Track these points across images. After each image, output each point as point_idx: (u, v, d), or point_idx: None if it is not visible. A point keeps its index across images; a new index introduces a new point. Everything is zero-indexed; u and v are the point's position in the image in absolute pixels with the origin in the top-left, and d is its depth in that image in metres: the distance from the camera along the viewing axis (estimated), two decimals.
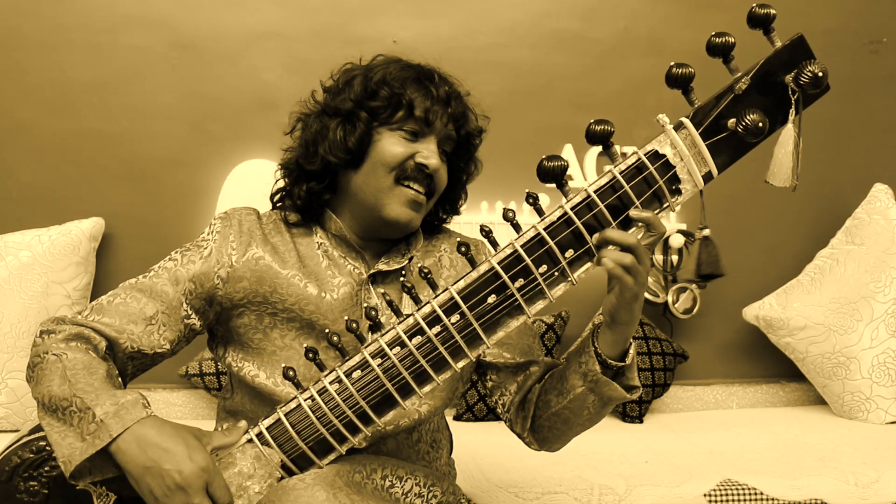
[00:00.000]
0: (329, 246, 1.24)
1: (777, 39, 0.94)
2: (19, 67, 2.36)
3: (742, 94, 0.94)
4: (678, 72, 0.93)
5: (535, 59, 2.54)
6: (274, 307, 1.18)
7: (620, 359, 1.10)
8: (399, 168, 1.19)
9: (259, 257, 1.20)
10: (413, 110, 1.19)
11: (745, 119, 0.93)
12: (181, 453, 0.95)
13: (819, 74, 0.92)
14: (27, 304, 2.11)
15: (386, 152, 1.19)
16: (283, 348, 1.18)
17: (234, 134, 2.42)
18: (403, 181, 1.19)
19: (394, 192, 1.19)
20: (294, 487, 0.97)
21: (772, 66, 0.94)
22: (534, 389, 1.25)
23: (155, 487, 0.95)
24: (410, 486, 1.15)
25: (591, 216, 0.96)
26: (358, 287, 1.21)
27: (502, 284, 0.98)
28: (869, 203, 2.46)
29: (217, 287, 1.18)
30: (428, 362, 1.00)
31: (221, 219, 1.23)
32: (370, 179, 1.20)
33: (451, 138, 1.25)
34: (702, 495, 1.67)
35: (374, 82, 1.20)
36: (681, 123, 0.96)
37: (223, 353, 1.24)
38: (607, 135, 0.95)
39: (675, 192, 0.97)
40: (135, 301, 1.15)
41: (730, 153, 0.96)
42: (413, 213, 1.20)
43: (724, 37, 0.92)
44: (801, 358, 2.40)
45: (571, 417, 1.17)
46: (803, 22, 2.51)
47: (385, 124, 1.20)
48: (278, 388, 1.17)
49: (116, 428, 0.96)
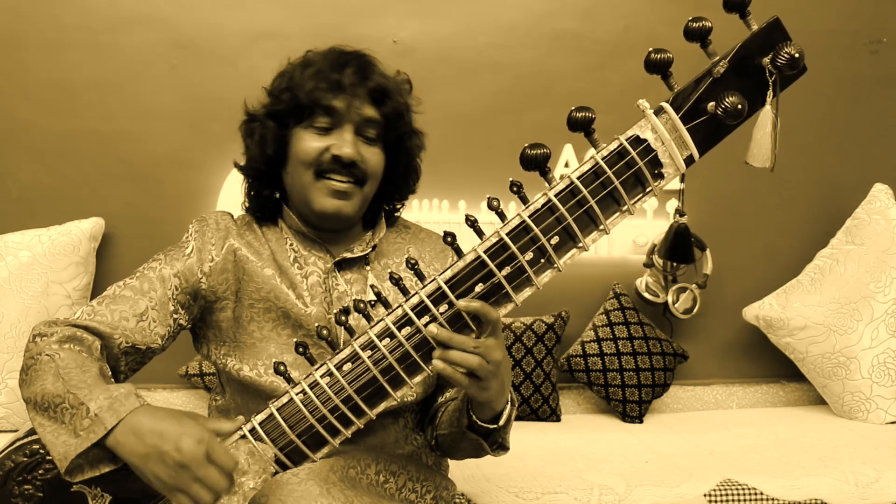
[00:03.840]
0: (293, 240, 1.29)
1: (753, 23, 0.94)
2: (19, 67, 2.36)
3: (720, 77, 0.94)
4: (657, 57, 0.94)
5: (535, 59, 2.54)
6: (251, 297, 1.23)
7: (495, 420, 1.14)
8: (316, 164, 1.22)
9: (236, 248, 1.26)
10: (316, 105, 1.21)
11: (724, 102, 0.93)
12: (175, 432, 0.96)
13: (795, 56, 0.92)
14: (27, 304, 2.11)
15: (300, 151, 1.23)
16: (262, 339, 1.22)
17: (235, 134, 2.39)
18: (323, 175, 1.22)
19: (316, 186, 1.23)
20: (288, 482, 0.97)
21: (749, 49, 0.95)
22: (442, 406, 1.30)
23: (159, 471, 0.95)
24: (404, 482, 1.16)
25: (574, 202, 0.97)
26: (325, 275, 1.26)
27: (489, 273, 0.99)
28: (869, 203, 2.46)
29: (201, 281, 1.23)
30: (417, 353, 1.01)
31: (198, 220, 1.29)
32: (295, 177, 1.25)
33: (373, 121, 1.24)
34: (702, 495, 1.67)
35: (278, 88, 1.26)
36: (661, 108, 0.97)
37: (207, 351, 1.28)
38: (588, 121, 0.96)
39: (657, 177, 0.98)
40: (125, 299, 1.19)
41: (710, 136, 0.97)
42: (340, 202, 1.23)
43: (701, 21, 0.93)
44: (801, 358, 2.40)
45: (454, 445, 1.25)
46: (803, 22, 2.52)
47: (298, 124, 1.24)
48: (262, 379, 1.20)
49: (111, 420, 0.97)
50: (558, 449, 1.98)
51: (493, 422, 1.13)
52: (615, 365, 2.33)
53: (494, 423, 1.13)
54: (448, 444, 1.26)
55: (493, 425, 1.13)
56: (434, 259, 1.33)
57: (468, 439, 1.17)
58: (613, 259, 2.52)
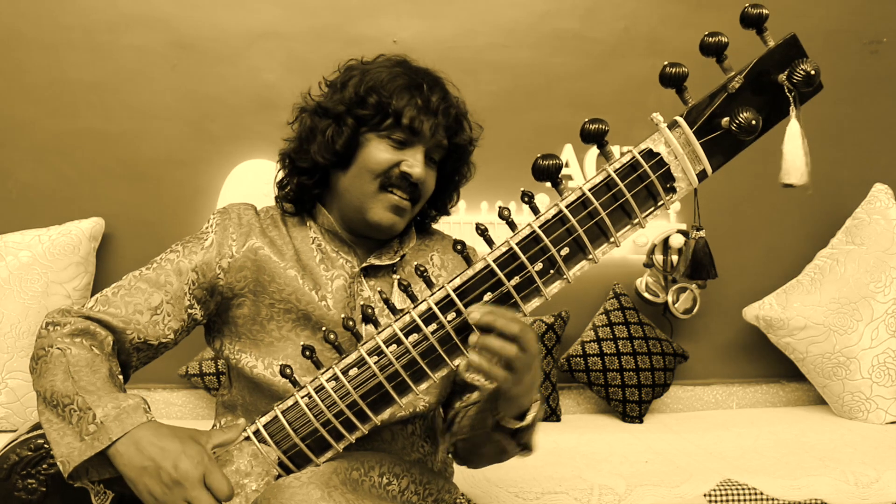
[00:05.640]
0: (322, 240, 1.27)
1: (770, 39, 0.94)
2: (19, 67, 2.36)
3: (735, 92, 0.94)
4: (672, 71, 0.94)
5: (535, 59, 2.54)
6: (272, 297, 1.21)
7: (522, 418, 1.09)
8: (384, 175, 1.20)
9: (258, 247, 1.23)
10: (401, 119, 1.19)
11: (738, 117, 0.93)
12: (175, 449, 0.95)
13: (812, 73, 0.92)
14: (27, 304, 2.11)
15: (372, 159, 1.20)
16: (280, 339, 1.21)
17: (234, 134, 2.42)
18: (388, 188, 1.21)
19: (378, 198, 1.21)
20: (289, 486, 0.97)
21: (765, 65, 0.94)
22: (461, 412, 1.27)
23: (152, 486, 0.95)
24: (407, 484, 1.16)
25: (585, 214, 0.97)
26: (351, 280, 1.24)
27: (498, 282, 0.98)
28: (869, 203, 2.46)
29: (219, 276, 1.21)
30: (424, 360, 1.01)
31: (220, 213, 1.26)
32: (356, 182, 1.22)
33: (442, 146, 1.25)
34: (702, 495, 1.67)
35: (364, 88, 1.22)
36: (675, 122, 0.96)
37: (220, 345, 1.26)
38: (602, 133, 0.96)
39: (669, 191, 0.97)
40: (140, 292, 1.17)
41: (724, 151, 0.97)
42: (396, 218, 1.22)
43: (718, 36, 0.93)
44: (801, 358, 2.40)
45: (476, 451, 1.21)
46: (803, 22, 2.52)
47: (373, 130, 1.21)
48: (276, 379, 1.18)
49: (116, 432, 0.97)
50: (558, 449, 1.98)
51: (519, 419, 1.10)
52: (615, 365, 2.33)
53: (520, 420, 1.10)
54: (469, 450, 1.23)
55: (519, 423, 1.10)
56: (457, 266, 1.32)
57: (492, 441, 1.13)
58: (613, 259, 2.52)
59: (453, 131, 1.25)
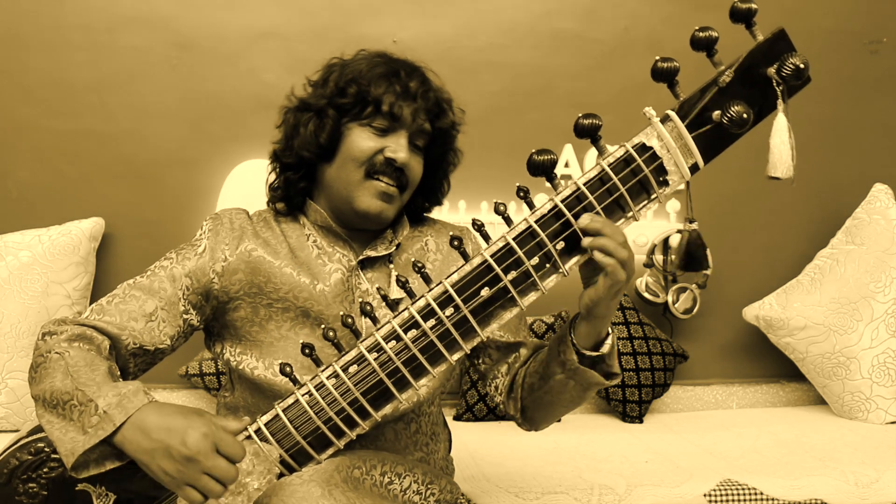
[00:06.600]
0: (317, 236, 1.28)
1: (759, 33, 0.95)
2: (19, 67, 2.36)
3: (726, 86, 0.95)
4: (663, 66, 0.95)
5: (535, 59, 2.54)
6: (269, 297, 1.21)
7: (597, 348, 1.11)
8: (368, 162, 1.22)
9: (252, 249, 1.23)
10: (380, 106, 1.21)
11: (729, 111, 0.94)
12: (181, 426, 0.96)
13: (801, 66, 0.93)
14: (27, 304, 2.11)
15: (355, 147, 1.22)
16: (280, 339, 1.21)
17: (234, 134, 2.42)
18: (374, 175, 1.22)
19: (364, 186, 1.22)
20: (290, 484, 0.97)
21: (755, 59, 0.96)
22: (520, 373, 1.26)
23: (167, 466, 0.95)
24: (409, 483, 1.16)
25: (580, 208, 0.98)
26: (348, 273, 1.25)
27: (495, 277, 1.00)
28: (869, 203, 2.46)
29: (213, 281, 1.21)
30: (423, 355, 1.02)
31: (212, 218, 1.27)
32: (342, 173, 1.23)
33: (425, 131, 1.26)
34: (702, 495, 1.67)
35: (344, 81, 1.24)
36: (667, 116, 0.97)
37: (220, 349, 1.26)
38: (595, 128, 0.97)
39: (662, 184, 0.99)
40: (134, 299, 1.17)
41: (715, 144, 0.98)
42: (384, 205, 1.23)
43: (708, 31, 0.94)
44: (801, 358, 2.40)
45: (554, 401, 1.19)
46: (803, 22, 2.52)
47: (355, 120, 1.23)
48: (278, 379, 1.19)
49: (119, 417, 0.97)
50: (558, 449, 1.98)
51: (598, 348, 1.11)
52: None
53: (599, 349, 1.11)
54: (546, 403, 1.20)
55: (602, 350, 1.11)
56: (451, 251, 1.33)
57: (576, 378, 1.11)
58: None
59: (434, 115, 1.27)
